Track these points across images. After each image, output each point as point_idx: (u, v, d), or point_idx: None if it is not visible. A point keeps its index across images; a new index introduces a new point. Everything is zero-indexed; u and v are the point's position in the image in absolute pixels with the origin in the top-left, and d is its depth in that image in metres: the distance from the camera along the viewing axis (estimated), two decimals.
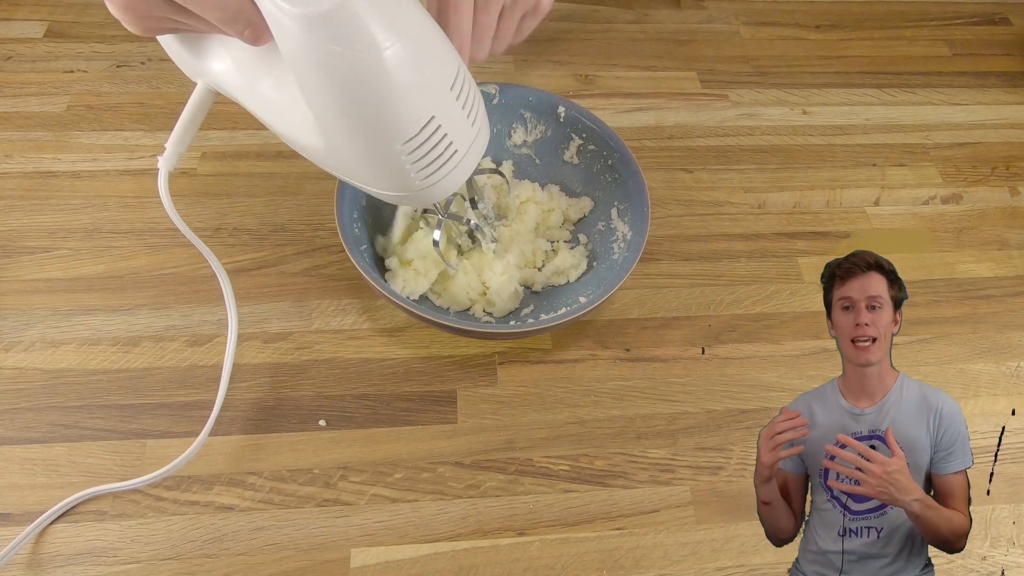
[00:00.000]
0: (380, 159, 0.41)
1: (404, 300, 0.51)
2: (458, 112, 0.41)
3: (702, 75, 0.78)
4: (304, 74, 0.37)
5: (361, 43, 0.35)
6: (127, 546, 0.47)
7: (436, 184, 0.43)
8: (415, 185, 0.42)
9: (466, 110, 0.41)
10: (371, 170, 0.42)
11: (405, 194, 0.44)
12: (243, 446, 0.51)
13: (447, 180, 0.43)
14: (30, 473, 0.49)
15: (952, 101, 0.78)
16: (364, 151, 0.41)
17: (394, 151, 0.40)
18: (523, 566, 0.48)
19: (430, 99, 0.39)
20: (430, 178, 0.42)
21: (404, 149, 0.40)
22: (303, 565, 0.47)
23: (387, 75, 0.36)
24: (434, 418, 0.53)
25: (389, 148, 0.40)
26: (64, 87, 0.70)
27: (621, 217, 0.59)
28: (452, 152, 0.42)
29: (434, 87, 0.39)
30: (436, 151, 0.41)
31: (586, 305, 0.52)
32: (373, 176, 0.43)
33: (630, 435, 0.53)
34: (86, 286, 0.57)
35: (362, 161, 0.42)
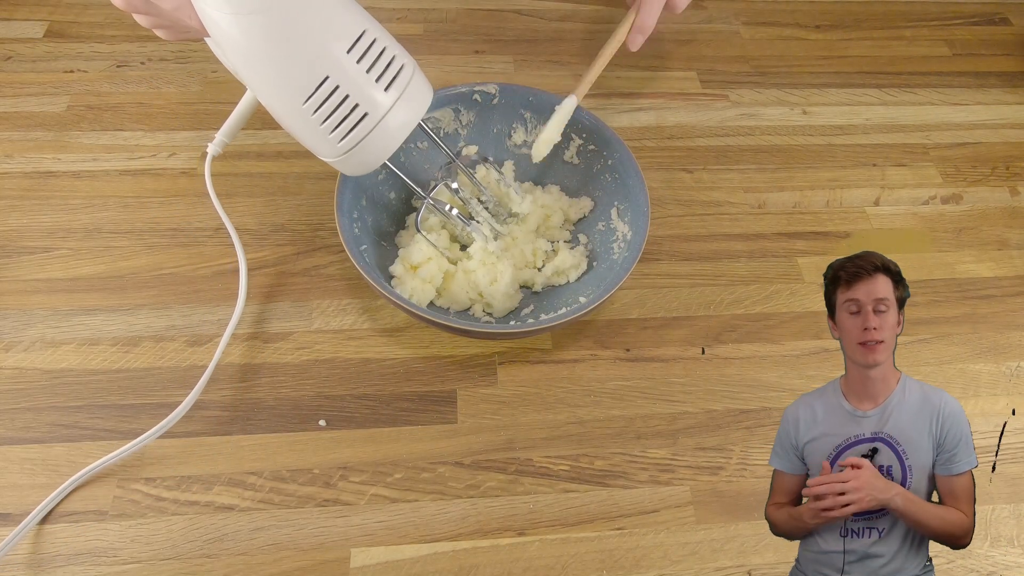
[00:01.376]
0: (296, 120, 0.46)
1: (404, 300, 0.51)
2: (361, 76, 0.45)
3: (702, 75, 0.78)
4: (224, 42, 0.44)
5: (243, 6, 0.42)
6: (127, 546, 0.47)
7: (358, 147, 0.47)
8: (339, 148, 0.46)
9: (373, 75, 0.45)
10: (301, 135, 0.47)
11: (338, 159, 0.48)
12: (243, 446, 0.51)
13: (369, 144, 0.47)
14: (30, 473, 0.49)
15: (952, 101, 0.78)
16: (281, 114, 0.46)
17: (301, 110, 0.45)
18: (523, 566, 0.48)
19: (322, 61, 0.44)
20: (347, 140, 0.46)
21: (308, 108, 0.44)
22: (303, 565, 0.47)
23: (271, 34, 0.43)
24: (434, 418, 0.53)
25: (295, 107, 0.45)
26: (64, 87, 0.70)
27: (621, 217, 0.59)
28: (361, 115, 0.45)
29: (325, 50, 0.44)
30: (341, 112, 0.45)
31: (586, 305, 0.52)
32: (308, 141, 0.47)
33: (630, 435, 0.53)
34: (86, 286, 0.57)
35: (290, 125, 0.47)
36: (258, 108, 0.52)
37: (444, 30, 0.79)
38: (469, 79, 0.74)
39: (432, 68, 0.74)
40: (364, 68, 0.45)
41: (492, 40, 0.79)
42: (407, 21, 0.80)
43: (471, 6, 0.82)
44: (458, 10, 0.82)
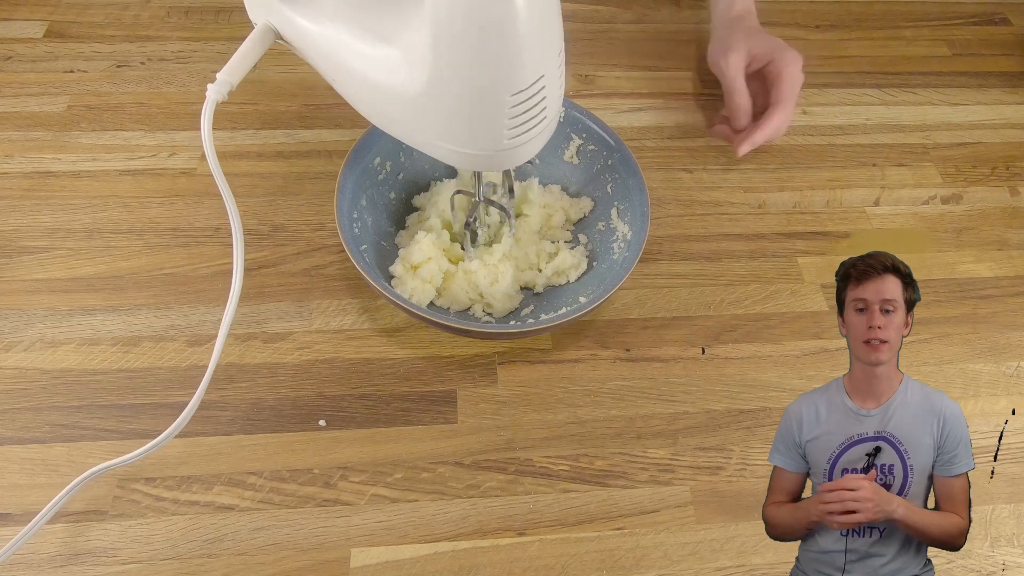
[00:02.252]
0: (482, 110, 0.43)
1: (404, 300, 0.51)
2: (558, 80, 0.44)
3: (702, 75, 0.78)
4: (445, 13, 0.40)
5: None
6: (127, 546, 0.47)
7: (519, 147, 0.45)
8: (502, 143, 0.45)
9: (561, 82, 0.45)
10: (465, 123, 0.44)
11: (485, 153, 0.46)
12: (243, 446, 0.51)
13: (530, 144, 0.46)
14: (30, 473, 0.49)
15: (952, 101, 0.78)
16: (471, 100, 0.43)
17: (501, 102, 0.42)
18: (523, 566, 0.48)
19: (545, 59, 0.42)
20: (518, 138, 0.45)
21: (511, 101, 0.42)
22: (303, 565, 0.47)
23: (522, 22, 0.40)
24: (434, 418, 0.53)
25: (498, 98, 0.42)
26: (64, 87, 0.70)
27: (621, 217, 0.59)
28: (543, 117, 0.45)
29: (549, 49, 0.42)
30: (533, 111, 0.44)
31: (586, 305, 0.52)
32: (464, 129, 0.45)
33: (630, 435, 0.53)
34: (86, 286, 0.57)
35: (462, 112, 0.44)
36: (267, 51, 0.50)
37: None
38: None
39: None
40: (560, 75, 0.44)
41: None
42: None
43: None
44: None
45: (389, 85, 0.45)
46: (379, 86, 0.46)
